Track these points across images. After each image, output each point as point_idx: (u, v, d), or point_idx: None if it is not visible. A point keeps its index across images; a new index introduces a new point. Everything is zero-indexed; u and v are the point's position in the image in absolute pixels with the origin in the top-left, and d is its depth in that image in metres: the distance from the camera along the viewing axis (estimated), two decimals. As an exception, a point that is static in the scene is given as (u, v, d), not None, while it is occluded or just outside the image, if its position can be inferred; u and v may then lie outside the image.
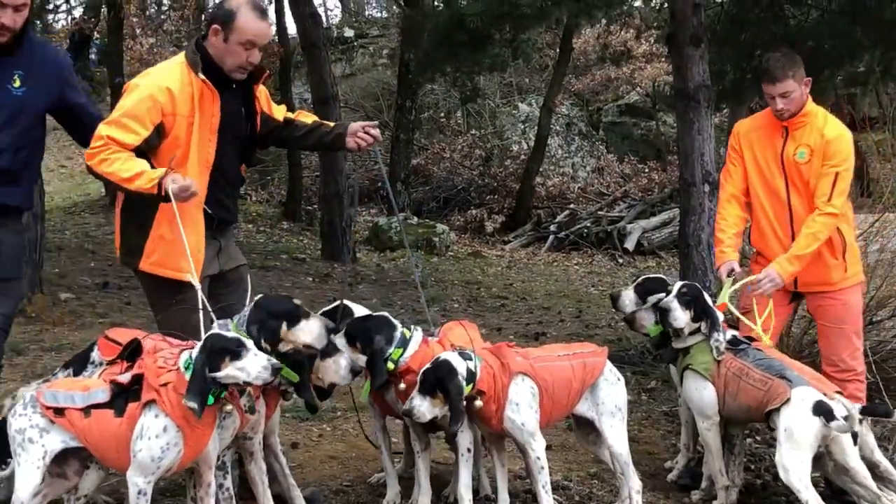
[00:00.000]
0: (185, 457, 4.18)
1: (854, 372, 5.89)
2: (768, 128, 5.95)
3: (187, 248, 4.61)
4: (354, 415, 6.90)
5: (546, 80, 25.18)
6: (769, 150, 5.91)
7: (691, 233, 8.58)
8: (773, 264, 5.75)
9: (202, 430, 4.17)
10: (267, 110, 5.29)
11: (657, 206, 20.34)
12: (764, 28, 10.64)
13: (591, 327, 11.19)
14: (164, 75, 4.90)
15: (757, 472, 6.20)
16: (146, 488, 4.14)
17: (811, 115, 5.87)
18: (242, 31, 4.85)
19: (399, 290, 13.09)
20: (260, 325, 4.43)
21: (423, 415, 4.73)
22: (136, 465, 4.13)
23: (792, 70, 5.77)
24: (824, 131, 5.81)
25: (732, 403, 5.36)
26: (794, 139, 5.84)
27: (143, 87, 4.83)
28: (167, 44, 21.96)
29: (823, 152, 5.77)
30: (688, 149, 8.65)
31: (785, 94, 5.76)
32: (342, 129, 5.30)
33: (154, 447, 4.09)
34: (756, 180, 5.96)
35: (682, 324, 5.44)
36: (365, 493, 5.54)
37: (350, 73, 27.49)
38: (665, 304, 5.45)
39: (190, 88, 4.83)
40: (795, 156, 5.82)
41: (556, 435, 6.50)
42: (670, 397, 7.56)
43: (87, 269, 12.00)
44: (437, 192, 22.28)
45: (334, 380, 4.80)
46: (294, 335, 4.52)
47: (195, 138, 4.84)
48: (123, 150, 4.67)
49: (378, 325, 4.95)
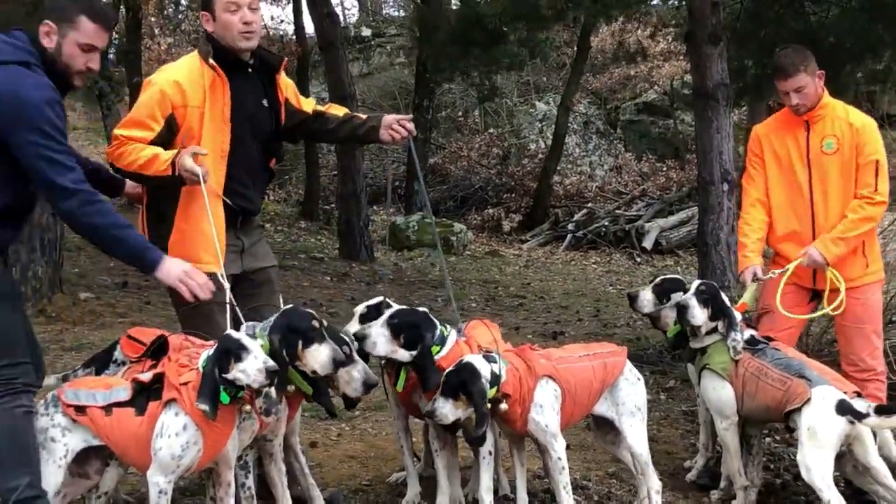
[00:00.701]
0: (204, 456, 4.19)
1: (874, 371, 5.86)
2: (788, 126, 5.93)
3: (213, 228, 4.65)
4: (373, 414, 6.93)
5: (563, 78, 25.15)
6: (793, 147, 5.88)
7: (710, 231, 8.56)
8: (816, 243, 5.73)
9: (221, 429, 4.18)
10: (294, 102, 5.27)
11: (675, 204, 20.30)
12: (784, 25, 10.61)
13: (610, 326, 11.17)
14: (173, 69, 4.95)
15: (776, 471, 6.18)
16: (167, 487, 4.15)
17: (829, 106, 5.85)
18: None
19: (417, 290, 13.11)
20: (281, 338, 4.42)
21: (446, 416, 4.73)
22: (156, 463, 4.14)
23: (803, 64, 5.75)
24: (850, 120, 5.81)
25: (751, 403, 5.35)
26: (817, 132, 5.82)
27: (153, 83, 4.87)
28: (185, 43, 22.05)
29: (855, 142, 5.75)
30: (706, 147, 8.63)
31: (799, 89, 5.74)
32: (376, 121, 5.27)
33: (174, 445, 4.11)
34: (778, 180, 5.93)
35: (699, 321, 5.42)
36: (384, 493, 5.54)
37: (367, 73, 27.54)
38: (683, 302, 5.43)
39: (201, 79, 4.84)
40: (822, 147, 5.80)
41: (574, 435, 6.50)
42: (689, 396, 7.54)
43: (107, 269, 12.04)
44: (455, 191, 22.30)
45: (346, 391, 4.75)
46: (304, 357, 4.46)
47: (207, 127, 4.84)
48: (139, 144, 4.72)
49: (426, 322, 4.90)
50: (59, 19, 4.23)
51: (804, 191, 5.84)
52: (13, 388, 4.12)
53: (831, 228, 5.76)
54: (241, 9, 4.87)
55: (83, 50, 4.26)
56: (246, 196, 5.06)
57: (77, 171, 4.13)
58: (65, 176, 4.07)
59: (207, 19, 4.93)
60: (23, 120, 4.01)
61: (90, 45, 4.28)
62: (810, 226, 5.84)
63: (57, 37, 4.23)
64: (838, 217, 5.77)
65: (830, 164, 5.79)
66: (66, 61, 4.25)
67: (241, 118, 4.96)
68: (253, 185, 5.12)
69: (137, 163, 4.64)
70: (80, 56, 4.27)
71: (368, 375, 4.73)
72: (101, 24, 4.30)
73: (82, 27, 4.24)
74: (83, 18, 4.24)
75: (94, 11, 4.29)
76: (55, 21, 4.23)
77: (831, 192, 5.79)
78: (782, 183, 5.92)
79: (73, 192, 4.09)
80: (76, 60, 4.26)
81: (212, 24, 4.92)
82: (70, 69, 4.27)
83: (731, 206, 8.53)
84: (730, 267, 8.26)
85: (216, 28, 4.91)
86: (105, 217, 4.19)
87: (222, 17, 4.87)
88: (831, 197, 5.79)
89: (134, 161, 4.64)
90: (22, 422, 4.14)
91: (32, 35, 4.23)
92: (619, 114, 26.70)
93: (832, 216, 5.79)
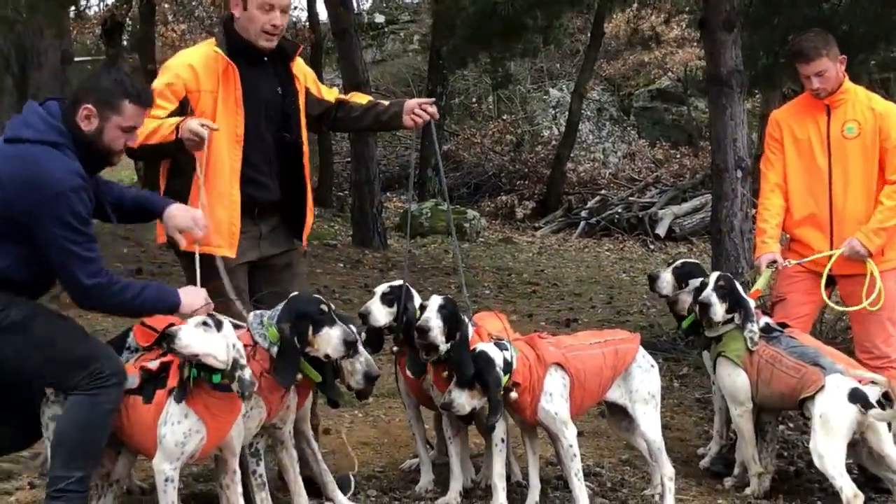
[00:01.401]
0: (207, 443, 4.23)
1: (889, 359, 5.83)
2: (809, 110, 5.91)
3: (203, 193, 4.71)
4: (386, 401, 6.94)
5: (577, 65, 25.07)
6: (813, 131, 5.86)
7: (723, 219, 8.52)
8: (858, 235, 5.71)
9: (224, 417, 4.22)
10: (315, 91, 5.26)
11: (689, 191, 20.23)
12: (797, 11, 10.54)
13: (623, 314, 11.16)
14: (188, 53, 4.99)
15: (790, 458, 6.18)
16: (173, 475, 4.18)
17: (850, 91, 5.84)
18: None
19: (430, 276, 13.10)
20: (291, 325, 4.42)
21: (463, 407, 4.74)
22: (161, 450, 4.17)
23: (826, 48, 5.73)
24: (872, 105, 5.81)
25: (766, 390, 5.35)
26: (838, 116, 5.80)
27: (168, 66, 4.92)
28: (199, 30, 22.05)
29: (879, 127, 5.75)
30: (720, 134, 8.60)
31: (820, 73, 5.72)
32: (398, 106, 5.24)
33: (177, 432, 4.14)
34: (797, 165, 5.91)
35: (719, 318, 5.42)
36: (397, 479, 5.55)
37: (381, 59, 27.50)
38: (705, 299, 5.42)
39: (215, 64, 4.84)
40: (844, 132, 5.78)
41: (587, 422, 6.50)
42: (703, 384, 7.53)
43: (121, 256, 12.07)
44: (468, 177, 22.26)
45: (349, 383, 4.77)
46: (316, 342, 4.46)
47: (221, 112, 4.83)
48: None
49: (460, 313, 4.94)
50: (101, 104, 4.23)
51: (824, 175, 5.82)
52: (104, 382, 4.13)
53: (850, 214, 5.75)
54: (274, 10, 4.88)
55: (125, 132, 4.28)
56: (261, 182, 5.03)
57: (96, 261, 4.15)
58: (84, 270, 4.11)
59: (237, 4, 4.89)
60: (46, 209, 4.03)
61: (132, 127, 4.31)
62: (828, 210, 5.81)
63: (98, 120, 4.22)
64: (858, 202, 5.76)
65: (851, 149, 5.77)
66: (108, 144, 4.27)
67: (255, 105, 4.94)
68: (269, 171, 5.07)
69: (143, 134, 4.59)
70: (122, 137, 4.29)
71: (371, 367, 4.73)
72: (143, 105, 4.33)
73: (126, 111, 4.25)
74: (126, 103, 4.25)
75: (136, 95, 4.29)
76: (96, 105, 4.22)
77: (851, 177, 5.78)
78: (801, 167, 5.89)
79: (91, 288, 4.13)
80: (118, 142, 4.29)
81: (239, 11, 4.89)
82: (112, 150, 4.30)
83: (745, 193, 8.50)
84: (743, 254, 8.23)
85: (242, 17, 4.89)
86: (123, 294, 4.23)
87: (253, 11, 4.85)
88: (851, 182, 5.78)
89: (141, 134, 4.57)
90: (99, 418, 4.16)
91: (65, 107, 4.23)
92: (632, 100, 26.63)
93: (851, 201, 5.77)
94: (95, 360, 4.13)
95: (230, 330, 4.18)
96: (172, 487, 4.19)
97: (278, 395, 4.55)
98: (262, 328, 4.48)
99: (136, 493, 5.00)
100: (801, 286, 5.89)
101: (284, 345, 4.40)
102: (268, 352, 4.45)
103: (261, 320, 4.51)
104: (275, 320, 4.46)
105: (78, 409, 4.11)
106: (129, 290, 4.25)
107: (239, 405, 4.27)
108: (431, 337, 4.79)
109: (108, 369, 4.13)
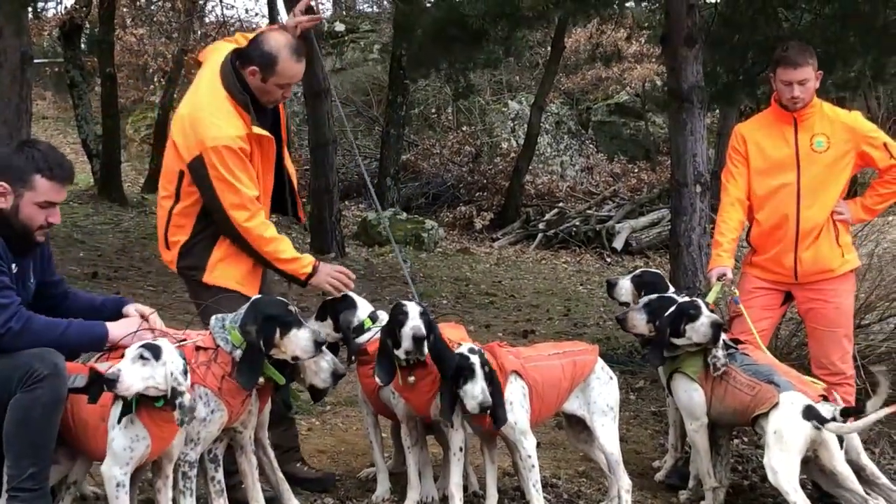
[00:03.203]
0: (153, 450, 4.22)
1: (844, 375, 5.91)
2: (776, 124, 5.97)
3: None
4: (343, 409, 6.92)
5: (536, 78, 25.16)
6: (781, 144, 5.93)
7: (682, 233, 8.59)
8: (850, 204, 5.95)
9: (167, 426, 4.20)
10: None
11: (646, 206, 20.34)
12: (757, 30, 10.65)
13: (580, 326, 11.20)
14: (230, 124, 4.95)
15: (744, 473, 6.22)
16: (124, 479, 4.17)
17: (817, 105, 5.95)
18: (282, 75, 4.97)
19: (388, 286, 13.09)
20: (257, 328, 4.42)
21: (487, 400, 4.75)
22: (111, 454, 4.17)
23: (812, 59, 5.84)
24: (838, 116, 5.94)
25: (719, 406, 5.38)
26: (806, 129, 5.88)
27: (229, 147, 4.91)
28: (158, 35, 21.91)
29: (849, 135, 5.88)
30: (680, 149, 8.66)
31: (803, 82, 5.79)
32: None
33: (126, 437, 4.14)
34: (763, 179, 5.97)
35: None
36: (354, 488, 5.54)
37: (340, 68, 27.41)
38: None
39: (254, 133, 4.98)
40: (813, 145, 5.86)
41: (544, 433, 6.52)
42: (658, 397, 7.58)
43: (77, 259, 11.97)
44: (427, 188, 22.24)
45: (314, 381, 4.78)
46: (284, 345, 4.48)
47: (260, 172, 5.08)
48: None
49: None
50: (13, 180, 4.24)
51: (792, 189, 5.89)
52: (38, 377, 4.10)
53: (814, 227, 5.86)
54: (289, 87, 5.06)
55: (41, 207, 4.28)
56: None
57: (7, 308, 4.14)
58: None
59: (255, 74, 4.96)
60: None
61: (47, 202, 4.30)
62: (795, 224, 5.88)
63: (12, 197, 4.24)
64: (823, 216, 5.85)
65: (820, 163, 5.85)
66: (25, 221, 4.28)
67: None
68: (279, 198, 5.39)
69: (278, 250, 5.13)
70: (39, 213, 4.29)
71: (337, 366, 4.77)
72: (57, 181, 4.32)
73: (39, 187, 4.26)
74: (38, 178, 4.26)
75: (49, 170, 4.29)
76: (9, 183, 4.24)
77: (819, 190, 5.86)
78: (768, 181, 5.95)
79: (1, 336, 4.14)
80: (35, 219, 4.30)
81: (255, 81, 4.97)
82: (30, 227, 4.30)
83: (704, 207, 8.57)
84: (701, 268, 8.29)
85: (257, 86, 4.98)
86: (42, 336, 4.22)
87: (271, 87, 4.99)
88: (819, 195, 5.86)
89: (276, 246, 5.14)
90: (40, 412, 4.13)
91: None
92: (590, 114, 26.74)
93: (817, 215, 5.85)
94: (27, 364, 4.11)
95: (170, 355, 4.16)
96: (125, 493, 4.18)
97: (240, 399, 4.54)
98: (225, 332, 4.47)
99: (90, 500, 4.94)
100: (759, 301, 5.95)
101: (249, 348, 4.39)
102: (230, 355, 4.45)
103: (223, 324, 4.50)
104: (238, 324, 4.45)
105: (17, 406, 4.10)
106: (50, 331, 4.25)
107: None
108: (426, 343, 4.80)
109: (40, 366, 4.10)
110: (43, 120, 25.33)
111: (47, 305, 4.53)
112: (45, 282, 4.59)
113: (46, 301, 4.58)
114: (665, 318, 5.39)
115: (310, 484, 5.37)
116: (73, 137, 21.41)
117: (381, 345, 4.91)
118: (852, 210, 5.98)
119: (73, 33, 17.57)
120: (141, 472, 4.52)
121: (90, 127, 17.81)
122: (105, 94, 17.63)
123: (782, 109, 5.92)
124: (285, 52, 4.92)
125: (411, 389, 4.91)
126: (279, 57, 4.91)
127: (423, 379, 4.92)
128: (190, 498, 4.51)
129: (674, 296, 5.64)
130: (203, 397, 4.43)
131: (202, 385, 4.42)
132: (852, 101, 16.04)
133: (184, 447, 4.45)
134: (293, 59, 4.94)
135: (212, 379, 4.44)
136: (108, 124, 17.27)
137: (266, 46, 4.94)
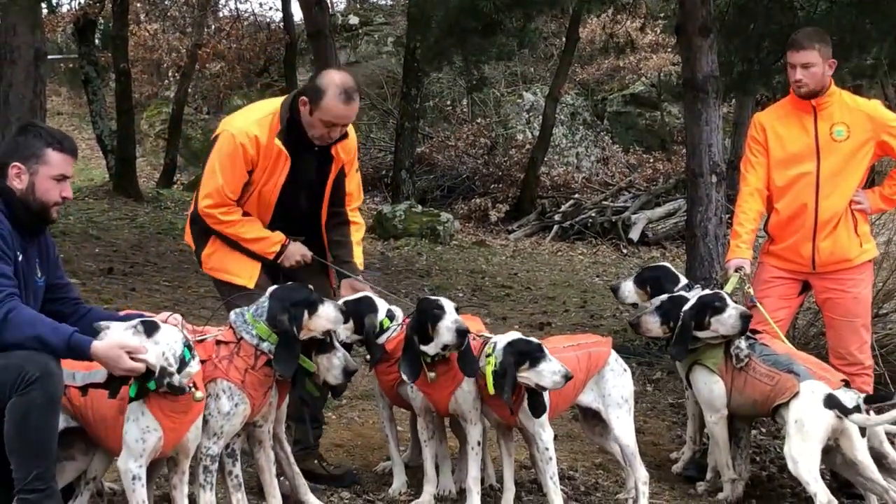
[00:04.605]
0: (166, 443, 4.23)
1: (862, 366, 5.88)
2: (795, 112, 5.93)
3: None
4: (360, 403, 6.92)
5: (551, 69, 25.06)
6: (801, 133, 5.89)
7: (698, 223, 8.55)
8: (868, 194, 5.95)
9: (178, 417, 4.22)
10: (347, 172, 5.44)
11: (662, 196, 20.26)
12: (772, 19, 10.59)
13: (596, 317, 11.17)
14: (258, 126, 5.11)
15: (762, 464, 6.20)
16: (139, 472, 4.20)
17: (836, 94, 5.90)
18: (326, 112, 5.03)
19: (403, 279, 13.08)
20: (289, 316, 4.49)
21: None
22: (125, 448, 4.19)
23: (819, 43, 5.78)
24: (858, 107, 5.90)
25: (738, 398, 5.37)
26: (825, 118, 5.84)
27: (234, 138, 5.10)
28: (172, 29, 21.94)
29: (869, 125, 5.85)
30: (695, 140, 8.63)
31: (806, 65, 5.75)
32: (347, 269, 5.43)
33: (137, 429, 4.16)
34: (782, 169, 5.93)
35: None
36: (370, 482, 5.54)
37: (354, 61, 27.37)
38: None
39: (271, 150, 5.09)
40: (832, 134, 5.83)
41: (561, 425, 6.50)
42: (675, 388, 7.55)
43: (92, 255, 11.97)
44: (442, 180, 22.20)
45: (326, 378, 4.78)
46: (314, 323, 4.56)
47: (261, 184, 5.16)
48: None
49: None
50: (26, 158, 4.39)
51: (811, 178, 5.85)
52: (31, 379, 4.07)
53: (833, 217, 5.82)
54: (335, 128, 5.11)
55: (56, 181, 4.43)
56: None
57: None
58: None
59: (305, 104, 5.06)
60: None
61: (62, 175, 4.46)
62: (814, 214, 5.85)
63: (28, 175, 4.38)
64: (841, 205, 5.82)
65: (840, 152, 5.81)
66: (42, 197, 4.41)
67: (293, 184, 5.21)
68: (297, 229, 5.34)
69: (246, 232, 5.17)
70: (55, 187, 4.43)
71: (348, 362, 4.76)
72: (68, 153, 4.48)
73: (52, 160, 4.41)
74: (50, 151, 4.41)
75: (58, 143, 4.47)
76: (22, 161, 4.39)
77: (840, 179, 5.83)
78: (788, 171, 5.91)
79: None
80: (52, 193, 4.43)
81: (305, 113, 5.08)
82: (47, 203, 4.43)
83: (720, 197, 8.54)
84: (717, 258, 8.26)
85: (305, 117, 5.09)
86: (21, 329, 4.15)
87: (316, 121, 5.07)
88: (840, 185, 5.83)
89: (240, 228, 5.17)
90: (37, 414, 4.09)
91: None
92: (606, 105, 26.64)
93: (837, 204, 5.82)
94: (19, 367, 4.10)
95: (167, 338, 4.16)
96: (141, 485, 4.20)
97: (262, 391, 4.56)
98: (248, 325, 4.50)
99: (106, 495, 4.95)
100: (776, 291, 5.93)
101: (284, 335, 4.46)
102: (256, 348, 4.49)
103: (243, 318, 4.52)
104: (262, 316, 4.51)
105: (14, 411, 4.09)
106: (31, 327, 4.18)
107: (197, 408, 4.29)
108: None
109: (31, 368, 4.09)
110: (58, 116, 25.34)
111: (57, 310, 4.54)
112: (54, 284, 4.61)
113: (55, 305, 4.59)
114: (688, 312, 5.37)
115: (330, 481, 5.36)
116: (88, 133, 21.45)
117: (408, 341, 4.91)
118: (871, 200, 5.95)
119: (86, 29, 17.59)
120: (158, 468, 4.53)
121: (105, 123, 17.83)
122: (119, 89, 17.63)
123: (801, 98, 5.89)
124: (334, 90, 5.00)
125: (432, 385, 4.91)
126: (326, 93, 5.00)
127: (443, 374, 4.92)
128: (210, 492, 4.52)
129: (684, 293, 5.61)
130: (227, 391, 4.47)
131: (225, 379, 4.46)
132: (869, 90, 15.96)
133: (206, 441, 4.47)
134: (339, 99, 5.01)
135: (234, 372, 4.47)
136: (123, 120, 17.27)
137: (319, 80, 5.09)
